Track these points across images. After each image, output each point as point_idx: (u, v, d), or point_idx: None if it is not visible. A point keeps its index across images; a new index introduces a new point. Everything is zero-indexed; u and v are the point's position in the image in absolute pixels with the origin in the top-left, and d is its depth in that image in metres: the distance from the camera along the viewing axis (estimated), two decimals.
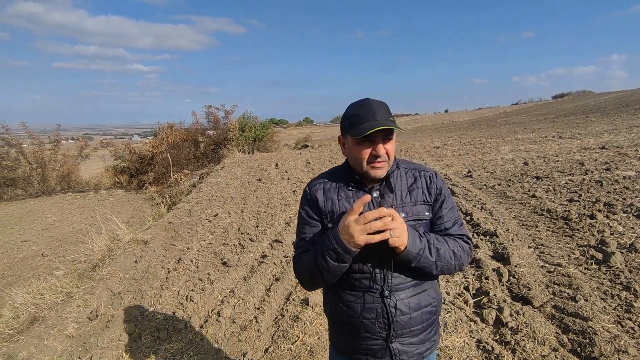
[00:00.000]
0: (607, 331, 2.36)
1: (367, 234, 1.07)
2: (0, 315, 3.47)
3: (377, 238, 1.08)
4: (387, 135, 1.18)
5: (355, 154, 1.20)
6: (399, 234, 1.09)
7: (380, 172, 1.20)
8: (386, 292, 1.23)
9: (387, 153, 1.19)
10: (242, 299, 3.38)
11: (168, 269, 4.20)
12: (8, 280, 5.05)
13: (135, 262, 4.42)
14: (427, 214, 1.27)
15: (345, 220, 1.10)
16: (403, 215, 1.21)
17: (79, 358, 2.76)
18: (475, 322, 2.69)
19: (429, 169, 1.34)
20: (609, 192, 5.36)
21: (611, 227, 4.06)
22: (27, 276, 5.03)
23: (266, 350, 2.69)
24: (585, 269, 3.27)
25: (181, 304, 3.44)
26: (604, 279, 3.05)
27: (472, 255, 1.29)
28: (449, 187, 6.73)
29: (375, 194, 1.25)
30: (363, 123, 1.15)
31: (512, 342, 2.39)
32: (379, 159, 1.18)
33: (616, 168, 6.84)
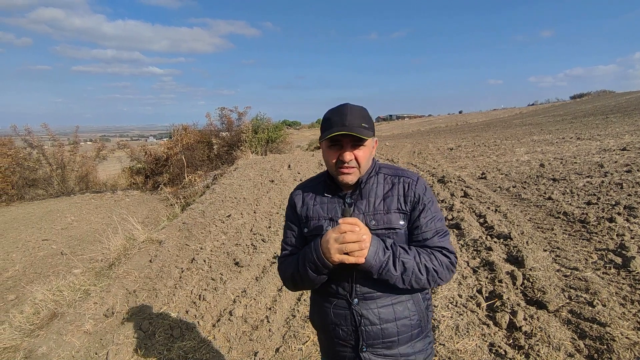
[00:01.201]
0: (626, 337, 2.29)
1: (343, 254, 1.08)
2: (22, 311, 3.59)
3: (352, 260, 1.08)
4: (357, 142, 1.17)
5: (326, 157, 1.23)
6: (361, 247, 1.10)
7: (348, 178, 1.19)
8: (354, 300, 1.22)
9: (356, 159, 1.18)
10: (254, 299, 3.41)
11: (182, 268, 4.27)
12: (29, 277, 5.22)
13: (150, 261, 4.51)
14: (401, 222, 1.21)
15: (327, 235, 1.11)
16: (373, 222, 1.19)
17: (96, 354, 2.83)
18: (487, 325, 2.65)
19: (412, 174, 1.27)
20: (629, 195, 5.21)
21: (632, 230, 3.94)
22: (47, 274, 5.19)
23: (277, 350, 2.71)
24: (603, 273, 3.19)
25: (194, 303, 3.49)
26: (623, 284, 2.97)
27: (454, 269, 1.21)
28: (462, 189, 6.65)
29: (348, 200, 1.24)
30: (332, 127, 1.16)
31: (526, 347, 2.35)
32: (346, 165, 1.17)
33: (638, 170, 6.64)
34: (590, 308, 2.65)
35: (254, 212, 6.34)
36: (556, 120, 23.08)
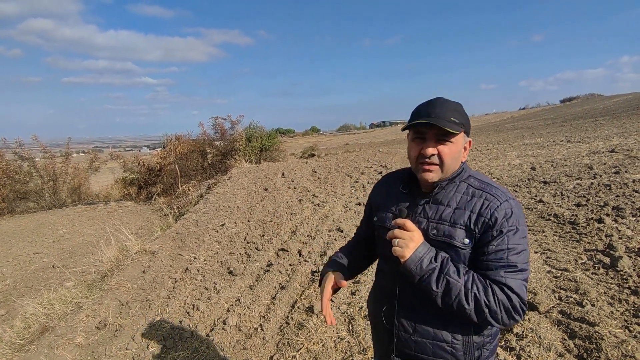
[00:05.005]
0: (614, 336, 2.33)
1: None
2: (12, 326, 3.54)
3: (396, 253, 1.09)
4: (442, 137, 1.06)
5: (409, 150, 1.16)
6: (402, 245, 1.05)
7: (428, 176, 1.10)
8: (395, 302, 1.19)
9: (439, 156, 1.07)
10: (248, 308, 3.41)
11: (175, 278, 4.25)
12: (20, 291, 5.15)
13: (143, 272, 4.48)
14: (466, 241, 1.06)
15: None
16: (434, 232, 1.10)
17: None
18: None
19: (501, 193, 1.09)
20: (617, 196, 5.29)
21: (619, 231, 4.01)
22: (39, 287, 5.12)
23: (271, 358, 2.70)
24: (592, 273, 3.24)
25: (188, 312, 3.48)
26: (611, 283, 3.01)
27: (516, 315, 1.02)
28: None
29: (420, 201, 1.16)
30: (417, 119, 1.08)
31: (517, 348, 2.37)
32: (427, 160, 1.08)
33: (626, 171, 6.75)
34: (579, 308, 2.69)
35: (248, 221, 6.33)
36: (547, 124, 23.40)
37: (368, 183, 8.40)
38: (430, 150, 1.07)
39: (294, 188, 8.65)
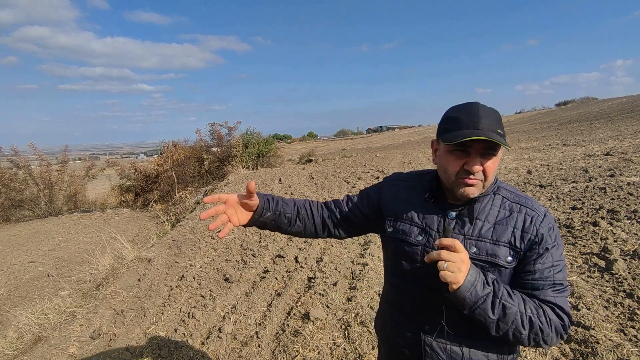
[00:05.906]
0: (610, 340, 2.33)
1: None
2: (5, 336, 3.50)
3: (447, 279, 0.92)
4: (488, 150, 0.96)
5: (445, 164, 1.01)
6: (454, 269, 0.91)
7: (470, 192, 0.99)
8: (426, 327, 1.07)
9: (484, 171, 0.97)
10: (244, 315, 3.38)
11: (171, 286, 4.22)
12: (14, 301, 5.10)
13: (139, 280, 4.45)
14: (509, 259, 1.00)
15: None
16: (474, 250, 1.01)
17: None
18: None
19: (538, 207, 1.04)
20: (612, 199, 5.32)
21: (614, 234, 4.02)
22: (33, 297, 5.07)
23: None
24: (588, 277, 3.24)
25: (183, 321, 3.45)
26: (606, 286, 3.02)
27: (564, 335, 0.99)
28: None
29: (451, 215, 1.05)
30: (461, 129, 0.96)
31: None
32: (471, 176, 0.97)
33: (620, 174, 6.79)
34: (575, 312, 2.69)
35: (244, 227, 6.31)
36: (542, 127, 23.56)
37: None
38: (478, 167, 0.96)
39: (291, 194, 8.65)
